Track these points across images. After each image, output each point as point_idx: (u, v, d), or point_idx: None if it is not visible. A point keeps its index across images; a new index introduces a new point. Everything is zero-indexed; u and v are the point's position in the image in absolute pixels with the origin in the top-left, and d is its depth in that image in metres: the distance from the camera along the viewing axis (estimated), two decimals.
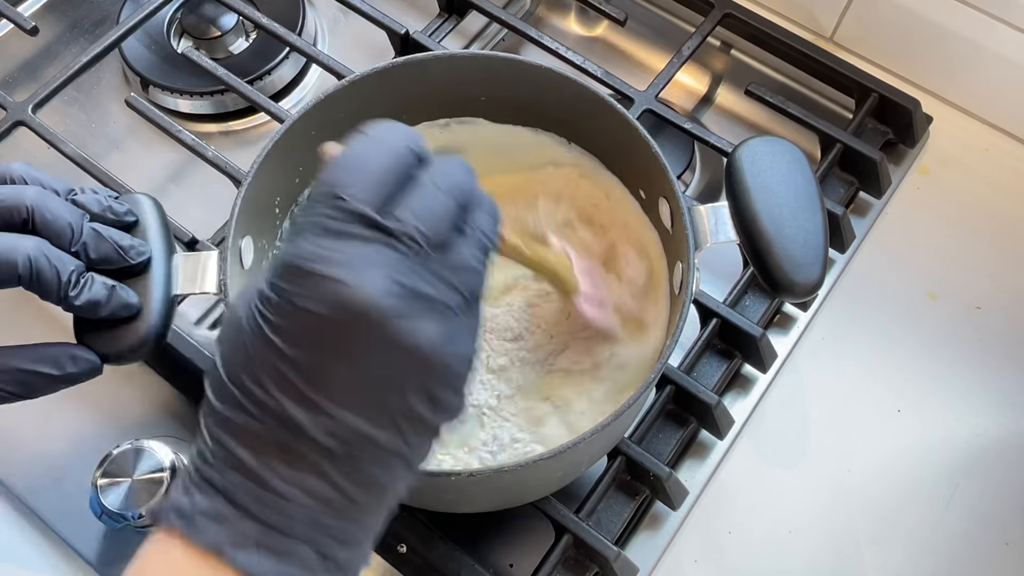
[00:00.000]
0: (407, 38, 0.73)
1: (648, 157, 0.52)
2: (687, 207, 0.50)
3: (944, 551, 0.59)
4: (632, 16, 0.77)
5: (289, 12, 0.78)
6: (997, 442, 0.62)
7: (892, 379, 0.64)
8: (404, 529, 0.56)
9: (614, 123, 0.54)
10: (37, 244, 0.43)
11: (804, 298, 0.50)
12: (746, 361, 0.64)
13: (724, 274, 0.66)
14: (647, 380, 0.47)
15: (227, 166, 0.65)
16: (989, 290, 0.68)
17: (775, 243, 0.48)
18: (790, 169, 0.50)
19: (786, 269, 0.48)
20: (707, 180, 0.73)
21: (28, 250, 0.42)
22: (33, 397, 0.44)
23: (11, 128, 0.67)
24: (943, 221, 0.71)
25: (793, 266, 0.48)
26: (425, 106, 0.60)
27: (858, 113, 0.72)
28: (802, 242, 0.48)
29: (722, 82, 0.79)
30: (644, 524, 0.59)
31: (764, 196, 0.49)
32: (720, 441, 0.61)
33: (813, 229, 0.49)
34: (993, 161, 0.74)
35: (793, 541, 0.59)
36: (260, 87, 0.75)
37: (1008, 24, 0.69)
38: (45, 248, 0.43)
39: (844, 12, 0.77)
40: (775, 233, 0.48)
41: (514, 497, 0.55)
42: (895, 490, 0.61)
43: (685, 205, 0.50)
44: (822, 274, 0.49)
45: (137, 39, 0.76)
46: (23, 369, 0.43)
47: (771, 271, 0.48)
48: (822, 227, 0.49)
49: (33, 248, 0.42)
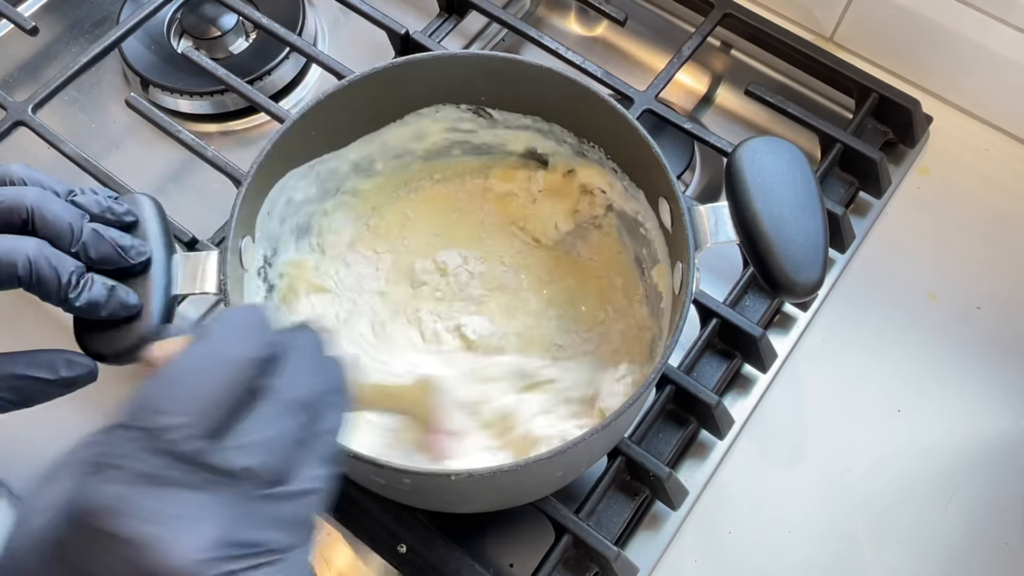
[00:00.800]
0: (407, 38, 0.73)
1: (648, 157, 0.52)
2: (687, 207, 0.50)
3: (944, 551, 0.59)
4: (632, 16, 0.77)
5: (289, 12, 0.78)
6: (997, 442, 0.62)
7: (892, 379, 0.64)
8: (404, 529, 0.56)
9: (615, 123, 0.54)
10: (37, 245, 0.43)
11: (804, 298, 0.50)
12: (746, 361, 0.64)
13: (724, 274, 0.66)
14: (647, 380, 0.47)
15: (227, 166, 0.66)
16: (989, 290, 0.68)
17: (775, 243, 0.48)
18: (790, 169, 0.50)
19: (786, 269, 0.48)
20: (707, 180, 0.73)
21: (28, 251, 0.42)
22: (29, 405, 0.44)
23: (11, 128, 0.67)
24: (943, 221, 0.71)
25: (793, 266, 0.48)
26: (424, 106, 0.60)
27: (858, 113, 0.72)
28: (802, 242, 0.48)
29: (722, 82, 0.79)
30: (644, 524, 0.59)
31: (764, 196, 0.49)
32: (720, 441, 0.61)
33: (813, 229, 0.49)
34: (993, 161, 0.74)
35: (793, 541, 0.59)
36: (260, 87, 0.75)
37: (1008, 24, 0.69)
38: (45, 249, 0.43)
39: (844, 12, 0.77)
40: (775, 233, 0.48)
41: (514, 497, 0.55)
42: (895, 490, 0.61)
43: (685, 205, 0.50)
44: (822, 274, 0.49)
45: (137, 39, 0.76)
46: (17, 375, 0.43)
47: (771, 271, 0.48)
48: (822, 227, 0.49)
49: (33, 249, 0.42)
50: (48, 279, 0.42)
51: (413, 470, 0.45)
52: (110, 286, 0.45)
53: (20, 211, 0.43)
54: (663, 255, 0.56)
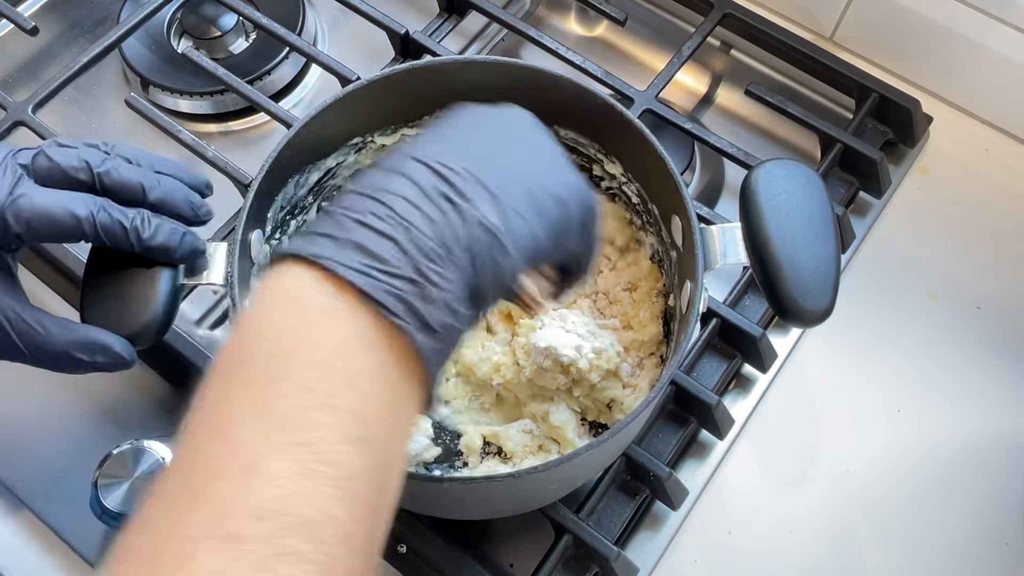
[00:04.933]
0: (407, 38, 0.73)
1: (664, 175, 0.52)
2: (699, 227, 0.50)
3: (944, 551, 0.59)
4: (632, 16, 0.77)
5: (289, 12, 0.78)
6: (997, 442, 0.62)
7: (892, 379, 0.64)
8: (404, 529, 0.56)
9: (633, 139, 0.54)
10: (96, 200, 0.44)
11: (812, 326, 0.48)
12: (746, 361, 0.64)
13: (724, 274, 0.66)
14: (646, 399, 0.47)
15: (227, 166, 0.66)
16: (989, 290, 0.68)
17: (785, 268, 0.47)
18: (806, 193, 0.49)
19: (795, 295, 0.47)
20: (707, 180, 0.73)
21: (88, 205, 0.44)
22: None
23: (11, 128, 0.67)
24: (943, 221, 0.71)
25: (802, 292, 0.47)
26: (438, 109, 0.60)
27: (858, 113, 0.72)
28: (813, 268, 0.47)
29: (722, 82, 0.79)
30: (644, 524, 0.59)
31: (778, 220, 0.48)
32: (720, 441, 0.61)
33: (826, 256, 0.48)
34: (993, 161, 0.74)
35: (793, 541, 0.59)
36: (260, 87, 0.75)
37: (1008, 24, 0.69)
38: (104, 203, 0.44)
39: (844, 12, 0.77)
40: (786, 258, 0.47)
41: (510, 507, 0.55)
42: (895, 490, 0.61)
43: (698, 224, 0.50)
44: (832, 302, 0.47)
45: (137, 39, 0.76)
46: (59, 351, 0.45)
47: (780, 296, 0.47)
48: (835, 254, 0.48)
49: (93, 203, 0.44)
50: (111, 228, 0.44)
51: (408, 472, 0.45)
52: (182, 232, 0.46)
53: (83, 171, 0.45)
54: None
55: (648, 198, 0.58)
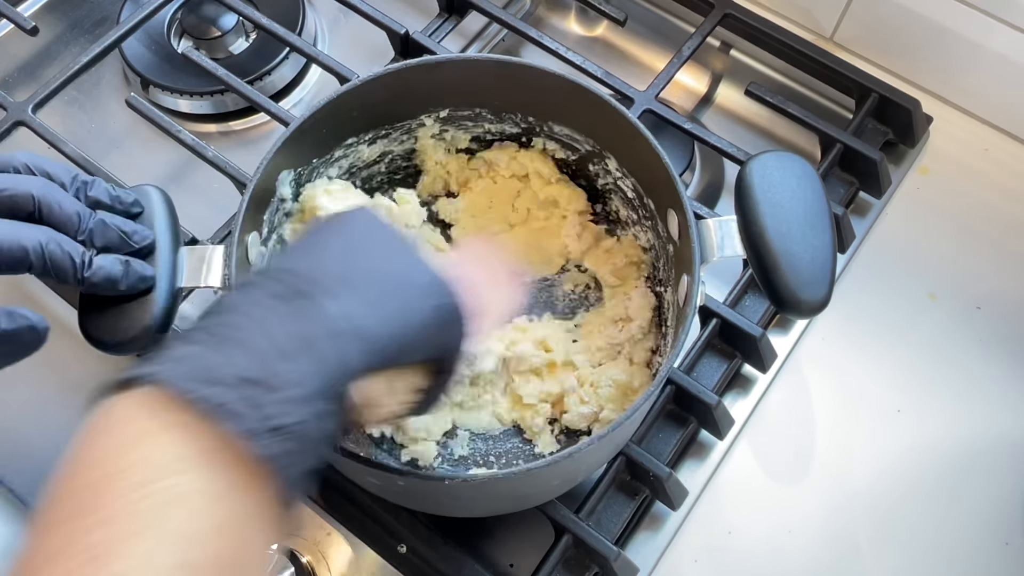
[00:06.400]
0: (407, 38, 0.73)
1: (660, 172, 0.53)
2: (695, 220, 0.50)
3: (944, 551, 0.59)
4: (632, 16, 0.77)
5: (289, 12, 0.78)
6: (997, 442, 0.62)
7: (892, 379, 0.64)
8: (404, 529, 0.56)
9: (628, 134, 0.54)
10: (46, 232, 0.43)
11: (809, 316, 0.49)
12: (746, 361, 0.64)
13: (724, 274, 0.66)
14: (645, 394, 0.47)
15: (227, 166, 0.65)
16: (989, 290, 0.68)
17: (781, 259, 0.47)
18: (800, 185, 0.50)
19: (792, 286, 0.47)
20: (707, 180, 0.73)
21: (39, 237, 0.43)
22: None
23: (11, 128, 0.67)
24: (943, 221, 0.71)
25: (799, 283, 0.47)
26: (435, 107, 0.60)
27: (858, 113, 0.72)
28: (809, 259, 0.48)
29: (722, 82, 0.79)
30: (644, 524, 0.59)
31: (773, 212, 0.49)
32: (720, 441, 0.61)
33: (821, 247, 0.48)
34: (993, 161, 0.74)
35: (793, 541, 0.59)
36: (260, 87, 0.75)
37: (1008, 24, 0.69)
38: (54, 235, 0.43)
39: (844, 12, 0.77)
40: (782, 249, 0.48)
41: (510, 504, 0.55)
42: (895, 490, 0.61)
43: (693, 218, 0.50)
44: (828, 293, 0.48)
45: (137, 39, 0.76)
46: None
47: (776, 288, 0.48)
48: (830, 245, 0.48)
49: (43, 235, 0.43)
50: (61, 261, 0.43)
51: (407, 472, 0.45)
52: (124, 260, 0.46)
53: (26, 201, 0.43)
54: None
55: (644, 193, 0.58)
